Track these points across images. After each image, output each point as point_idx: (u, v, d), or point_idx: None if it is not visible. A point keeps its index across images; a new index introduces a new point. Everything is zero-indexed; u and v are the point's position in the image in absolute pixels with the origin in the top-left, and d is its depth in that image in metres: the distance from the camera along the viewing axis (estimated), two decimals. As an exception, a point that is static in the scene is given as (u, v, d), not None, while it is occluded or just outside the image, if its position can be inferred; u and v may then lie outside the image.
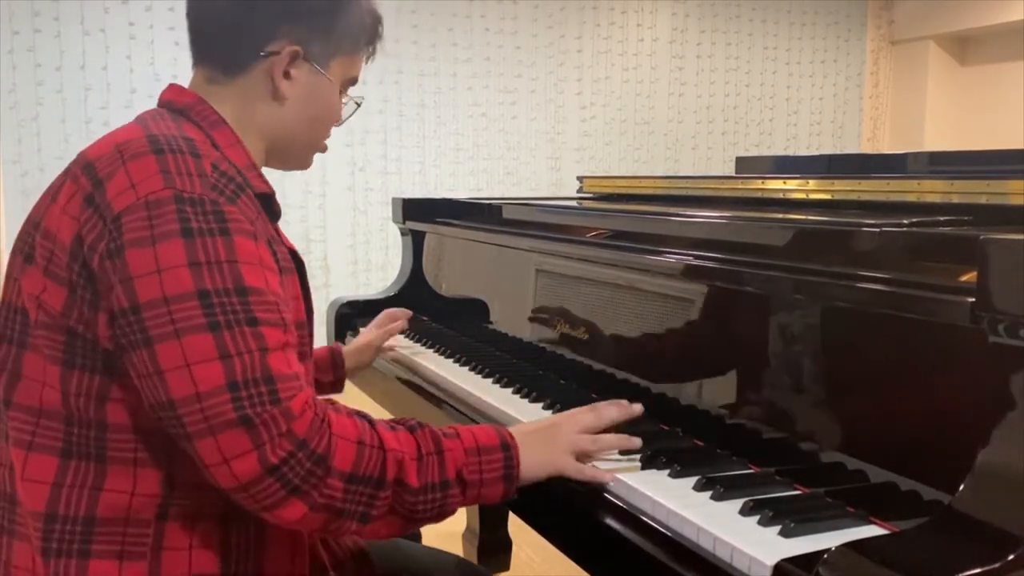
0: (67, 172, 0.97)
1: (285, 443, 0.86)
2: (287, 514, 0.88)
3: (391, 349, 1.74)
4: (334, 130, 1.18)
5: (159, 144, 0.93)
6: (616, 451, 1.09)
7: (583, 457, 1.07)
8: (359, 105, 1.20)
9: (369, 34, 1.15)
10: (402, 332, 1.94)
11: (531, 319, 1.66)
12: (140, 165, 0.91)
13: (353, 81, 1.16)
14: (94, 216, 0.90)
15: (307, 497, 0.88)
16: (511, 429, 1.05)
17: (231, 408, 0.85)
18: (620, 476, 1.04)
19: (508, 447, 1.01)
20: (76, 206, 0.92)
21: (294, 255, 1.07)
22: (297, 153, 1.16)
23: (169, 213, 0.88)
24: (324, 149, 1.18)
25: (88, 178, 0.92)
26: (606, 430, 1.10)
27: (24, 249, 0.96)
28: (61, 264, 0.92)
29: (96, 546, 0.92)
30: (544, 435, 1.07)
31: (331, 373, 1.54)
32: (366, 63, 1.18)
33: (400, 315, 1.71)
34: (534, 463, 1.03)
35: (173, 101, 1.07)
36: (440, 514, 0.97)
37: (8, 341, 0.97)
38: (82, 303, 0.91)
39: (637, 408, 1.14)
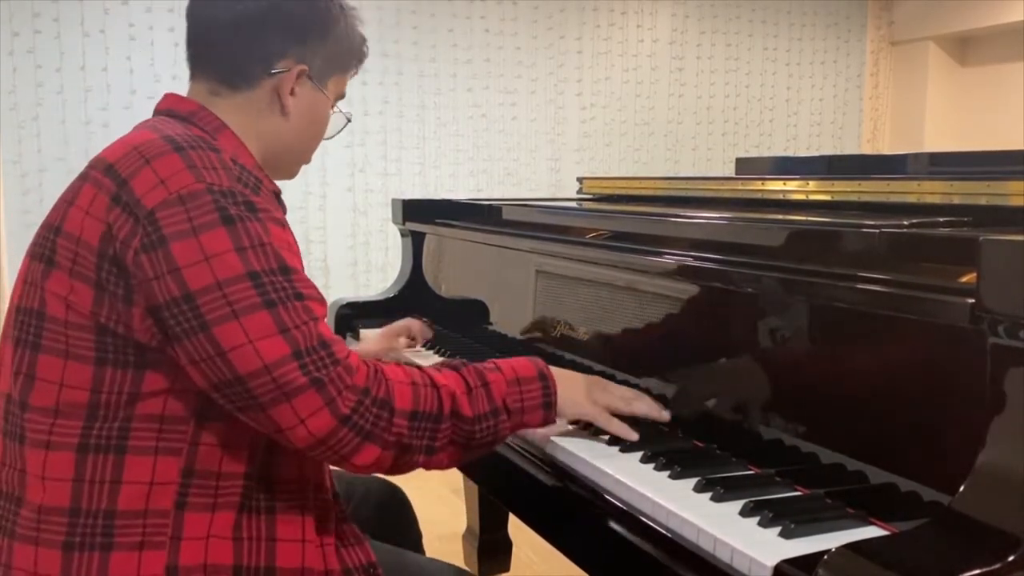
0: (84, 176, 0.99)
1: (350, 395, 0.95)
2: (363, 458, 0.97)
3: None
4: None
5: (178, 143, 0.96)
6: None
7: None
8: (349, 120, 1.26)
9: (359, 54, 1.21)
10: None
11: (531, 320, 1.66)
12: (165, 163, 0.94)
13: (342, 96, 1.22)
14: (123, 214, 0.93)
15: (379, 439, 0.96)
16: (551, 368, 1.13)
17: (300, 374, 0.92)
18: (620, 477, 1.04)
19: (545, 377, 1.11)
20: (101, 207, 0.94)
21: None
22: (287, 164, 1.21)
23: (206, 204, 0.92)
24: (309, 161, 1.24)
25: (111, 179, 0.95)
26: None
27: (43, 254, 0.98)
28: (88, 264, 0.94)
29: (118, 538, 0.95)
30: (582, 382, 1.17)
31: None
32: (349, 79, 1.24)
33: (415, 331, 1.73)
34: (569, 399, 1.13)
35: (174, 109, 1.10)
36: (494, 440, 1.06)
37: (23, 345, 0.98)
38: (113, 299, 0.94)
39: (666, 415, 1.20)
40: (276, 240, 0.96)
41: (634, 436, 1.14)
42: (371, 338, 1.68)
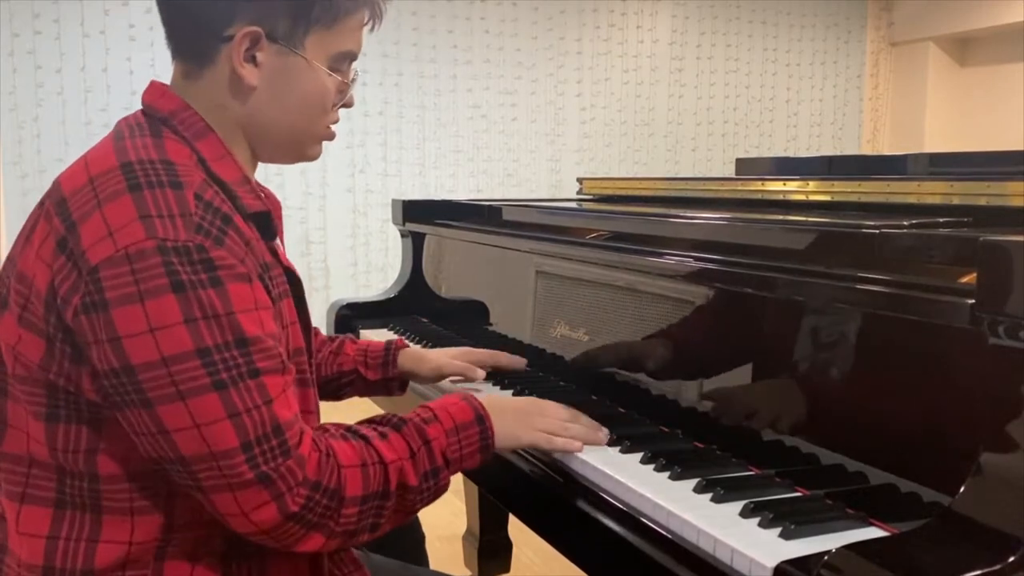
0: (41, 206, 0.91)
1: (302, 490, 0.87)
2: (306, 546, 0.90)
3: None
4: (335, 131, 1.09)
5: (135, 177, 0.86)
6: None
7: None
8: (351, 82, 1.06)
9: (350, 3, 1.00)
10: (400, 332, 1.94)
11: (531, 321, 1.66)
12: (117, 208, 0.84)
13: (349, 56, 1.03)
14: (67, 264, 0.85)
15: (325, 529, 0.90)
16: (483, 399, 1.08)
17: (247, 468, 0.85)
18: (620, 478, 1.04)
19: (483, 419, 1.05)
20: (49, 251, 0.86)
21: (290, 275, 1.02)
22: (288, 145, 1.05)
23: (155, 267, 0.82)
24: (330, 136, 1.07)
25: (61, 219, 0.86)
26: None
27: (1, 293, 0.92)
28: (37, 314, 0.87)
29: None
30: (518, 411, 1.12)
31: (379, 371, 1.40)
32: (371, 31, 1.05)
33: (504, 365, 1.47)
34: (507, 435, 1.07)
35: (155, 106, 0.98)
36: (434, 497, 1.01)
37: None
38: (62, 356, 0.87)
39: (603, 436, 1.15)
40: (237, 302, 0.86)
41: (578, 446, 1.10)
42: (450, 354, 1.45)
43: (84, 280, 0.83)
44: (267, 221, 0.99)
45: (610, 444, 1.15)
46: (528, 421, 1.10)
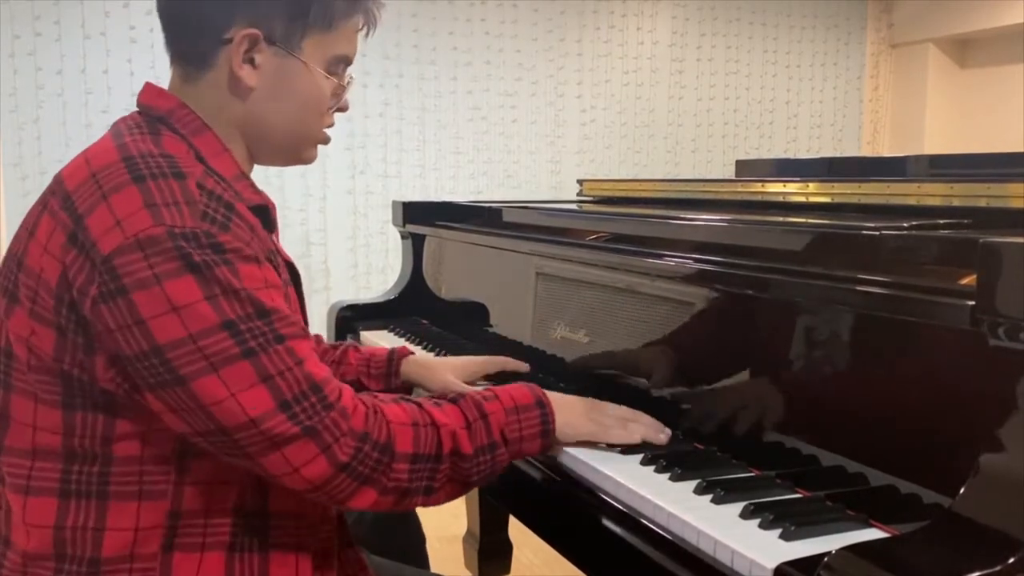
0: (44, 203, 0.92)
1: (349, 440, 0.90)
2: (360, 502, 0.93)
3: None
4: (335, 133, 1.11)
5: (138, 169, 0.88)
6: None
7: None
8: (345, 86, 1.07)
9: (347, 6, 1.02)
10: (401, 334, 1.94)
11: (531, 323, 1.66)
12: (122, 199, 0.86)
13: (344, 60, 1.05)
14: (80, 257, 0.86)
15: (377, 484, 0.92)
16: (548, 393, 1.10)
17: (291, 425, 0.87)
18: (620, 479, 1.04)
19: (543, 404, 1.07)
20: (58, 245, 0.88)
21: (291, 267, 1.05)
22: (286, 147, 1.07)
23: (167, 251, 0.85)
24: (325, 140, 1.09)
25: (67, 214, 0.88)
26: None
27: (7, 288, 0.93)
28: (47, 307, 0.89)
29: None
30: (579, 405, 1.14)
31: (381, 381, 1.39)
32: (366, 37, 1.08)
33: (511, 368, 1.49)
34: (567, 422, 1.10)
35: (151, 107, 1.01)
36: (492, 472, 1.02)
37: None
38: (75, 348, 0.88)
39: (663, 438, 1.16)
40: (248, 281, 0.88)
41: (636, 438, 1.13)
42: (456, 367, 1.45)
43: (98, 271, 0.85)
44: (266, 214, 1.01)
45: (610, 445, 1.15)
46: (588, 415, 1.13)
